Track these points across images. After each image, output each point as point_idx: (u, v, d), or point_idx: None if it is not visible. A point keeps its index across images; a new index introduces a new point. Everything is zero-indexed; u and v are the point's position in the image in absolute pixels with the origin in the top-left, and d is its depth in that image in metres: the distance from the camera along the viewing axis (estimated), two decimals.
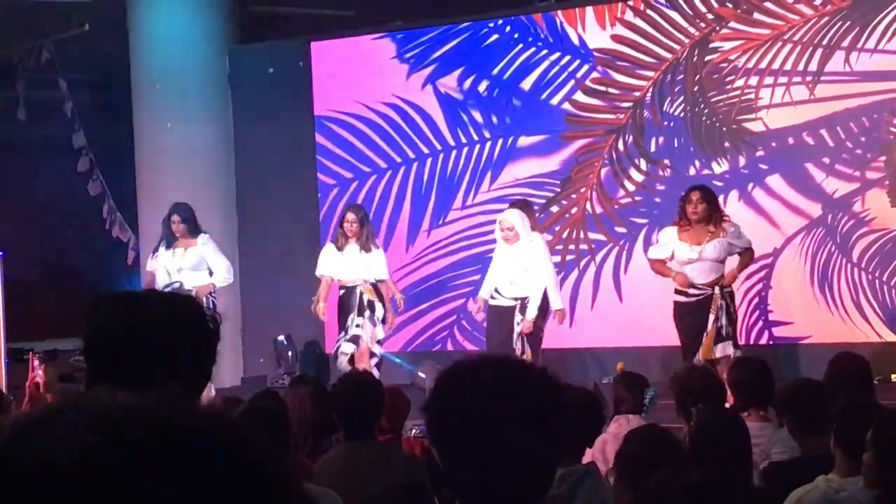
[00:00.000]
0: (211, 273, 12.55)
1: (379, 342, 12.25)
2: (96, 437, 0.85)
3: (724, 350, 10.61)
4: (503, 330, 11.56)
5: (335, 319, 12.34)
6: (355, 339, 12.14)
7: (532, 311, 11.45)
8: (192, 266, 12.53)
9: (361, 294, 12.16)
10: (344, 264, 12.25)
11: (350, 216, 12.27)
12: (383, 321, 12.27)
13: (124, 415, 0.87)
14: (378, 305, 12.21)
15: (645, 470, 4.23)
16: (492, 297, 11.70)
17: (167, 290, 11.55)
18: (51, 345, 13.80)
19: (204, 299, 12.34)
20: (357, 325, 12.14)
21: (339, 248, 12.22)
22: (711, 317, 10.71)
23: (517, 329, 11.49)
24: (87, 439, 0.85)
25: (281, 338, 14.03)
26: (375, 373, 10.63)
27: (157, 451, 0.85)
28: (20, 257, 14.75)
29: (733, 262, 10.90)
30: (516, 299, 11.54)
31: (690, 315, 10.75)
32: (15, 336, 14.19)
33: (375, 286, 12.22)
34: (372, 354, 12.16)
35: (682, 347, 10.74)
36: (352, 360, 12.05)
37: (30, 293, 14.61)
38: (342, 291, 12.26)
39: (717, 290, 10.71)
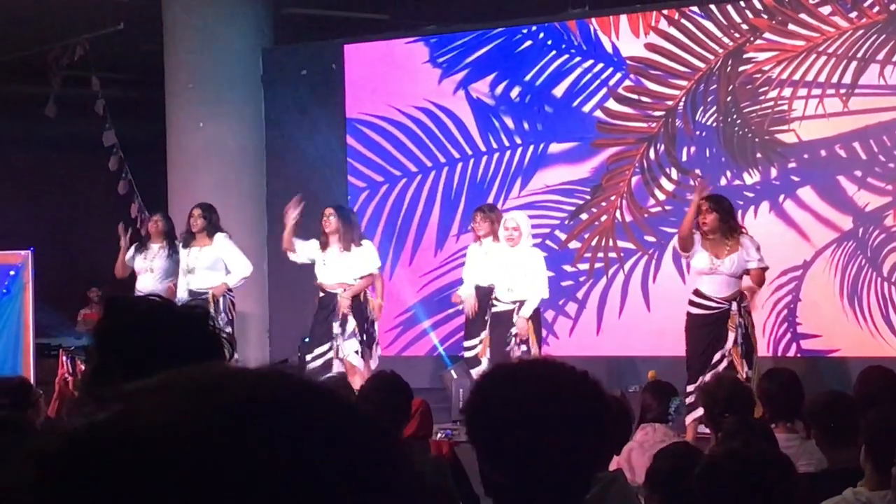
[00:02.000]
0: (228, 273, 12.55)
1: (358, 351, 12.06)
2: (214, 407, 0.84)
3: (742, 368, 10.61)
4: (505, 334, 11.60)
5: None
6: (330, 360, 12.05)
7: (527, 311, 11.48)
8: (208, 265, 12.52)
9: (336, 306, 12.01)
10: (325, 268, 12.14)
11: (327, 210, 12.15)
12: (363, 332, 12.12)
13: (236, 384, 0.87)
14: (350, 319, 12.02)
15: (675, 485, 4.23)
16: (492, 305, 11.71)
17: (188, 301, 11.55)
18: (77, 340, 13.87)
19: (221, 300, 12.36)
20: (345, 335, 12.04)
21: (322, 248, 12.08)
22: (731, 335, 10.68)
23: (513, 331, 11.53)
24: (204, 409, 0.84)
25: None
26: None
27: (273, 417, 0.84)
28: (54, 260, 14.83)
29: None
30: (514, 303, 11.58)
31: (705, 327, 10.68)
32: (43, 332, 14.28)
33: (356, 298, 12.01)
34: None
35: (686, 359, 10.68)
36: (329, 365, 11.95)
37: (59, 289, 14.68)
38: (322, 295, 12.15)
39: (734, 305, 10.65)
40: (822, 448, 5.88)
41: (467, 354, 12.06)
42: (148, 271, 12.88)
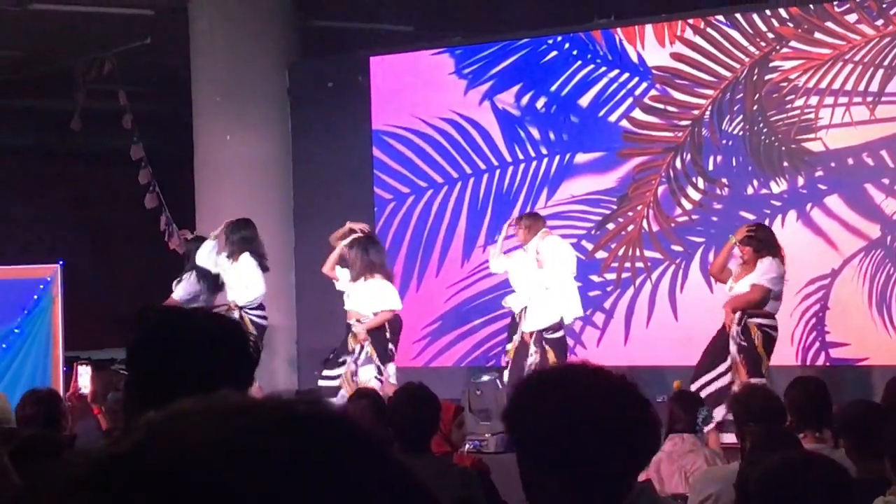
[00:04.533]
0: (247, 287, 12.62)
1: (379, 378, 12.04)
2: (241, 430, 0.84)
3: (730, 378, 10.69)
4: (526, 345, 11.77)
5: None
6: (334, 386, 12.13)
7: (527, 325, 11.80)
8: (230, 282, 12.59)
9: (349, 336, 12.09)
10: (346, 296, 12.28)
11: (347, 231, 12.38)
12: (381, 358, 12.13)
13: (261, 409, 0.87)
14: (367, 346, 12.02)
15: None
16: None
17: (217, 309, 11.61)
18: (108, 353, 13.91)
19: (246, 318, 12.35)
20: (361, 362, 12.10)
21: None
22: (732, 346, 10.79)
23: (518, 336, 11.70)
24: (231, 433, 0.84)
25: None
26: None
27: (300, 440, 0.85)
28: (81, 273, 14.89)
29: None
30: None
31: (716, 339, 11.00)
32: (74, 344, 14.32)
33: (370, 330, 12.07)
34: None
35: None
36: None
37: (89, 302, 14.73)
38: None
39: (737, 316, 10.76)
40: (852, 457, 5.85)
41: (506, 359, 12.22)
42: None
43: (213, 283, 12.87)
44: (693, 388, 10.55)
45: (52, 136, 17.91)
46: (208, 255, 12.65)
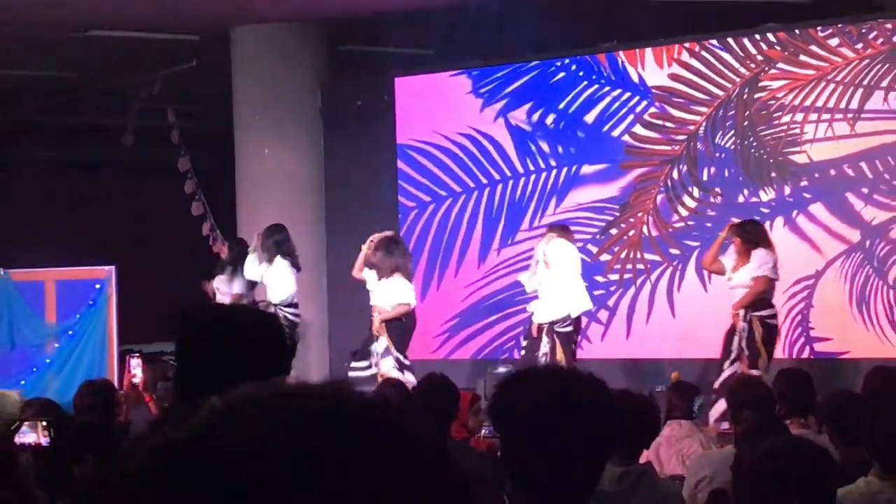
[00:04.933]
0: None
1: (398, 368, 12.10)
2: (305, 423, 0.83)
3: (735, 368, 10.65)
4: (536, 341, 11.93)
5: None
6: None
7: (536, 317, 11.85)
8: (266, 283, 12.69)
9: (371, 327, 12.19)
10: (372, 291, 12.38)
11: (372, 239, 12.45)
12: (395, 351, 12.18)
13: (321, 400, 0.86)
14: (382, 339, 12.11)
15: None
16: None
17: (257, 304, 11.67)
18: (157, 347, 13.95)
19: (281, 313, 12.39)
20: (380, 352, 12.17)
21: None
22: (735, 339, 10.78)
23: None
24: (292, 419, 0.83)
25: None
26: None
27: (356, 431, 0.83)
28: (134, 274, 14.91)
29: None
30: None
31: (728, 334, 11.00)
32: (126, 339, 14.36)
33: (394, 320, 12.16)
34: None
35: None
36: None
37: (140, 300, 14.76)
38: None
39: (741, 312, 10.74)
40: (834, 442, 5.83)
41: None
42: (223, 294, 13.02)
43: (252, 283, 12.99)
44: (716, 383, 10.62)
45: (106, 150, 17.96)
46: (255, 268, 12.77)
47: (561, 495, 2.61)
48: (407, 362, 12.09)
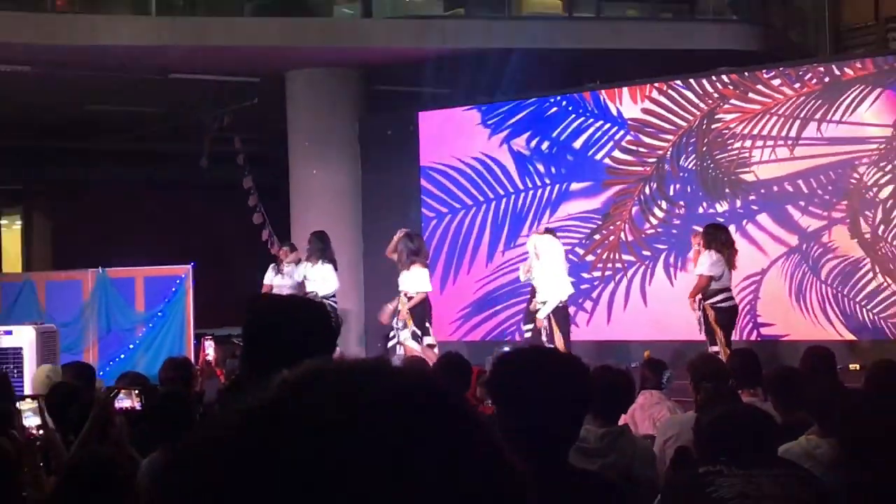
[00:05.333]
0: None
1: (415, 338, 12.12)
2: (374, 395, 0.81)
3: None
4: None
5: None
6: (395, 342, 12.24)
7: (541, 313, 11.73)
8: (312, 279, 12.72)
9: (398, 308, 12.20)
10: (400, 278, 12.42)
11: (398, 235, 12.45)
12: (419, 326, 12.16)
13: (382, 375, 0.84)
14: (407, 318, 12.16)
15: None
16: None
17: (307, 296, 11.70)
18: (226, 330, 13.98)
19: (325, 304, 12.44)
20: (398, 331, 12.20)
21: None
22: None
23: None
24: (355, 387, 0.81)
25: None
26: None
27: (413, 405, 0.82)
28: (206, 267, 14.95)
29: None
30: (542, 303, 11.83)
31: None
32: (201, 324, 14.40)
33: (411, 298, 12.17)
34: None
35: None
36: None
37: (212, 293, 14.81)
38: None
39: (697, 302, 10.78)
40: (777, 409, 5.82)
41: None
42: (285, 287, 13.06)
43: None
44: None
45: (186, 172, 18.01)
46: (300, 267, 12.87)
47: (544, 449, 2.62)
48: (419, 333, 12.09)
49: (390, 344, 12.23)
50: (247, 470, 0.76)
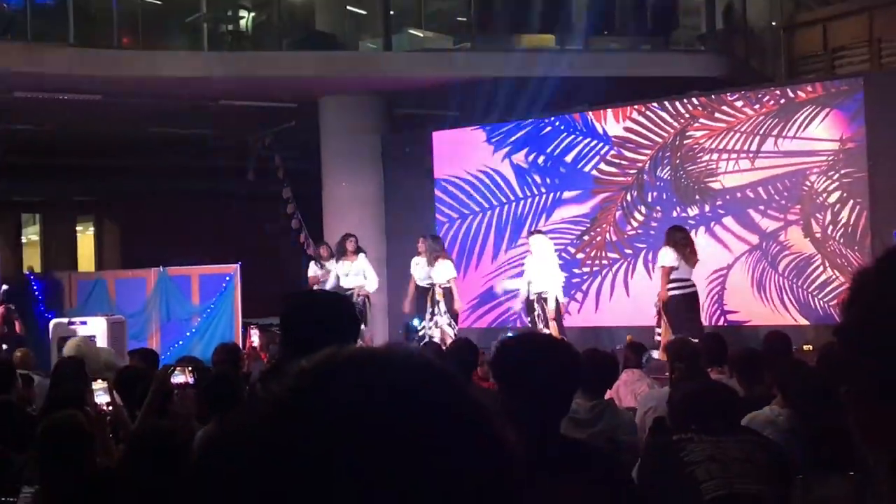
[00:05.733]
0: (365, 278, 12.78)
1: (449, 324, 12.28)
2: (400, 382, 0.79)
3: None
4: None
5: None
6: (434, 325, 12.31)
7: (551, 304, 11.76)
8: (355, 273, 12.74)
9: (434, 294, 12.28)
10: (419, 272, 12.44)
11: (420, 240, 12.60)
12: (447, 313, 12.32)
13: (403, 363, 0.82)
14: (442, 304, 12.28)
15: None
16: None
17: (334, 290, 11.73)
18: (269, 320, 14.01)
19: (357, 297, 12.48)
20: (434, 315, 12.27)
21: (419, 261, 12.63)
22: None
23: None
24: (369, 374, 0.79)
25: (414, 321, 13.98)
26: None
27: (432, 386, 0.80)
28: (251, 266, 14.98)
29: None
30: (537, 293, 11.91)
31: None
32: (247, 314, 14.43)
33: (445, 289, 12.30)
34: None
35: None
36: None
37: (257, 287, 14.84)
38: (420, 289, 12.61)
39: (661, 292, 10.83)
40: (741, 384, 5.81)
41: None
42: (325, 279, 13.13)
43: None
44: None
45: (234, 184, 18.05)
46: (334, 265, 12.97)
47: (540, 421, 2.62)
48: (453, 320, 12.28)
49: (422, 331, 12.33)
50: (267, 452, 0.76)
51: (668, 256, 10.85)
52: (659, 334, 10.73)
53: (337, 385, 0.78)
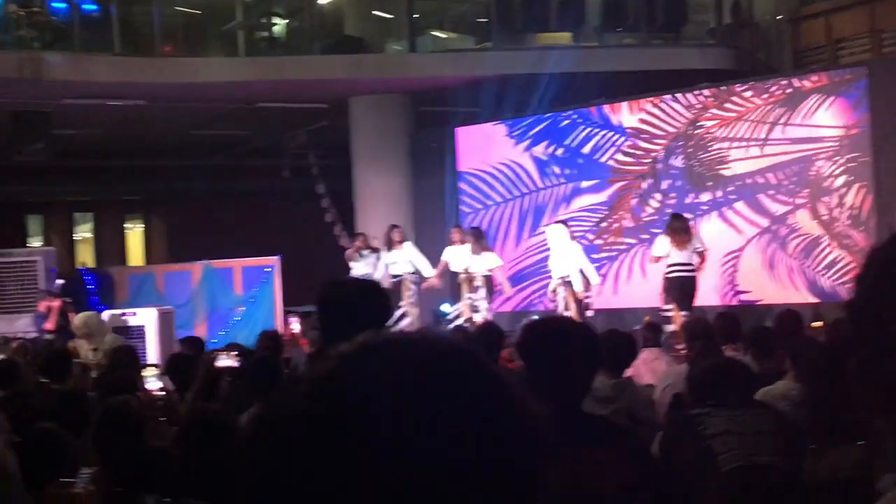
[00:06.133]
0: (412, 265, 12.87)
1: (487, 308, 12.45)
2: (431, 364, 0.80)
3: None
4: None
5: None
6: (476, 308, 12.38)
7: (578, 286, 11.80)
8: (402, 261, 12.81)
9: (475, 281, 12.31)
10: (453, 260, 12.48)
11: (453, 230, 12.86)
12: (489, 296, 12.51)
13: (429, 345, 0.82)
14: (482, 290, 12.35)
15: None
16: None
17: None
18: (308, 308, 14.05)
19: (408, 283, 12.62)
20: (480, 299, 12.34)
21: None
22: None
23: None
24: (400, 358, 0.80)
25: (444, 307, 13.98)
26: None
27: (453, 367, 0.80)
28: (289, 258, 15.05)
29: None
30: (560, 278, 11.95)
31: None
32: (287, 302, 14.49)
33: (486, 276, 12.37)
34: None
35: None
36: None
37: (295, 277, 14.91)
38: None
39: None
40: (755, 360, 5.78)
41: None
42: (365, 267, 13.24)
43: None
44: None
45: (270, 181, 18.11)
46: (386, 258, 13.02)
47: (564, 399, 2.62)
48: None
49: (456, 314, 12.44)
50: (311, 432, 0.77)
51: (658, 245, 11.08)
52: (668, 311, 10.79)
53: (373, 366, 0.79)
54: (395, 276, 12.71)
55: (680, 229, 10.90)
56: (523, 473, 0.78)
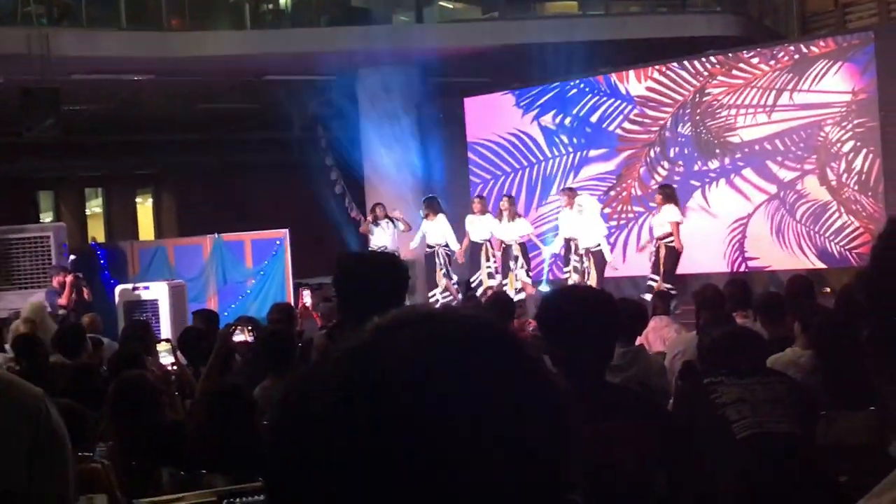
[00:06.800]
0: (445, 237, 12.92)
1: (528, 275, 12.59)
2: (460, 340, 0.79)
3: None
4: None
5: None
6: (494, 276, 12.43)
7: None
8: (435, 231, 12.87)
9: (511, 250, 12.31)
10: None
11: (503, 200, 12.91)
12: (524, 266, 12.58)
13: (455, 320, 0.82)
14: (521, 258, 12.42)
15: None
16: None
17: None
18: (318, 280, 14.08)
19: (441, 250, 12.74)
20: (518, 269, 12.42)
21: (498, 219, 12.78)
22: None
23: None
24: (431, 334, 0.79)
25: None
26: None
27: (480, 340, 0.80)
28: (301, 233, 15.05)
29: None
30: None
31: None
32: (299, 275, 14.51)
33: (521, 245, 12.51)
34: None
35: None
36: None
37: (305, 250, 14.91)
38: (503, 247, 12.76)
39: (653, 244, 11.49)
40: (765, 327, 5.76)
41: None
42: (385, 237, 13.27)
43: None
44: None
45: (280, 154, 18.09)
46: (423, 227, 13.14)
47: (586, 369, 2.60)
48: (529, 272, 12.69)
49: (475, 284, 12.49)
50: (348, 400, 0.76)
51: (677, 212, 11.22)
52: (654, 280, 10.94)
53: (406, 339, 0.78)
54: (430, 247, 12.89)
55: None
56: (552, 446, 0.78)
